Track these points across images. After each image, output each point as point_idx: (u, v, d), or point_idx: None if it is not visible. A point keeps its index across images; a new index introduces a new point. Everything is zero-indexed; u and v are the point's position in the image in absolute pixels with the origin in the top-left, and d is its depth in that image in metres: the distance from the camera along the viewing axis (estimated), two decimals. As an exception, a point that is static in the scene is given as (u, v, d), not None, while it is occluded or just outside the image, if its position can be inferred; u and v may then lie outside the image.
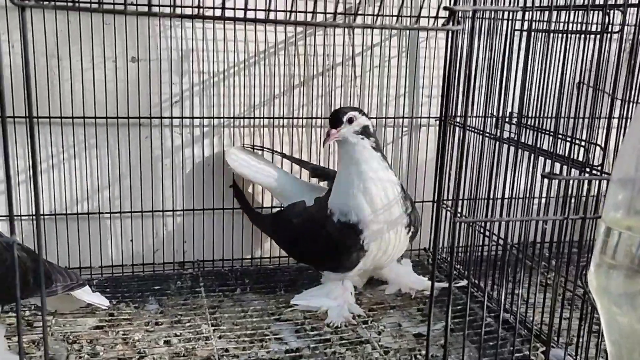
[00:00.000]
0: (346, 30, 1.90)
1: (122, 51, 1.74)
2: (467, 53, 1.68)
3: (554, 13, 1.38)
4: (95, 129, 1.77)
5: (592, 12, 1.26)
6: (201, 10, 1.13)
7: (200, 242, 1.94)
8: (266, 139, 1.92)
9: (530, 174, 1.47)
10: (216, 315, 1.67)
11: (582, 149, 1.31)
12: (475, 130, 1.76)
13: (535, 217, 1.35)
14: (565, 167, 1.29)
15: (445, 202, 2.04)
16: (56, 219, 1.81)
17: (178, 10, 1.51)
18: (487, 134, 1.68)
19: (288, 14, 1.74)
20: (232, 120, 1.88)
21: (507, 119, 1.61)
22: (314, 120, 1.95)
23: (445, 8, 0.77)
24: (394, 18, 1.86)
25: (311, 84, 1.93)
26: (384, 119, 2.00)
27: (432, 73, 2.00)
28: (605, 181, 1.27)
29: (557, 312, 1.39)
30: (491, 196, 1.63)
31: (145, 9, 0.98)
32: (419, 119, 2.03)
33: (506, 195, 1.57)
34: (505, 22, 1.55)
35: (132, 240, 1.89)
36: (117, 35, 1.72)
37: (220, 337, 1.56)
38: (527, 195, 1.44)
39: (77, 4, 1.38)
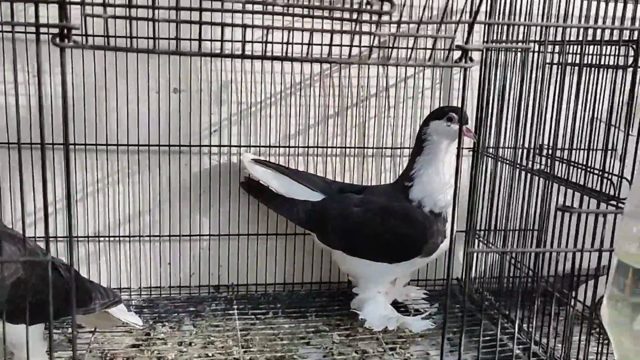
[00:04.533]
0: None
1: (165, 82, 1.83)
2: (483, 88, 1.75)
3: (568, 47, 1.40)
4: (137, 156, 1.86)
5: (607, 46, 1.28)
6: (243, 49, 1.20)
7: (235, 267, 2.00)
8: (301, 166, 1.97)
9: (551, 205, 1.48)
10: (247, 338, 1.72)
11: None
12: (505, 161, 1.78)
13: (549, 248, 1.35)
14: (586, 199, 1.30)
15: (477, 232, 2.05)
16: (99, 241, 1.90)
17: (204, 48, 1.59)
18: (508, 163, 1.70)
19: (327, 47, 1.80)
20: (268, 148, 1.94)
21: (537, 151, 1.63)
22: (347, 149, 1.99)
23: (457, 47, 0.80)
24: (426, 54, 1.90)
25: (345, 114, 1.98)
26: (417, 149, 2.03)
27: (464, 104, 2.02)
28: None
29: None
30: (512, 227, 1.66)
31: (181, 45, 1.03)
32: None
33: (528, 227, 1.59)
34: (532, 54, 1.58)
35: (169, 264, 1.96)
36: (161, 68, 1.82)
37: (250, 359, 1.60)
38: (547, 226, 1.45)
39: (112, 45, 1.47)
